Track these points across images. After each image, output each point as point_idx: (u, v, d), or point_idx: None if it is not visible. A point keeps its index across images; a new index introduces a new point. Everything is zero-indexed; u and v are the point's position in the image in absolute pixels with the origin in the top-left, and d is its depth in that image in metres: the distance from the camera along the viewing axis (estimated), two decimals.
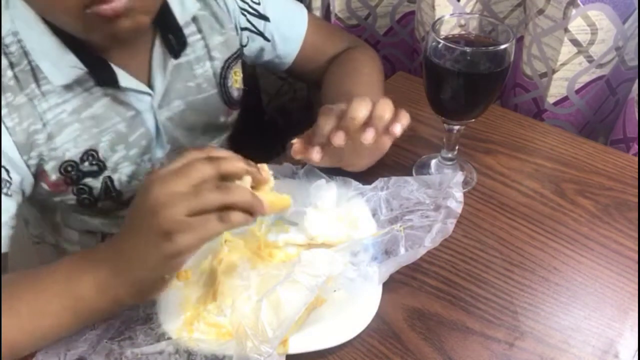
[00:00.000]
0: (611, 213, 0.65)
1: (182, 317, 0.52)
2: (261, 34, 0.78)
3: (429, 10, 0.85)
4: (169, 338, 0.51)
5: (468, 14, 0.83)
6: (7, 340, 0.48)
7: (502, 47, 0.57)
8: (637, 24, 0.75)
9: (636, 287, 0.57)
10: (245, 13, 0.75)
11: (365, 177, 0.66)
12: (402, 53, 1.05)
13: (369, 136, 0.56)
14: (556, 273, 0.59)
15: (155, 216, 0.44)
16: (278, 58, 0.81)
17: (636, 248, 0.61)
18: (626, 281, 0.58)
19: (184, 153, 0.47)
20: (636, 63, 0.80)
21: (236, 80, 0.77)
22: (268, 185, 0.52)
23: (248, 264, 0.56)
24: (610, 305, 0.56)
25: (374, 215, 0.62)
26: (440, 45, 0.58)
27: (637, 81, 0.75)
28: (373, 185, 0.64)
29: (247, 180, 0.49)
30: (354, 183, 0.65)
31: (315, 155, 0.59)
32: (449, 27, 0.62)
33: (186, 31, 0.69)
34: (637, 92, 0.74)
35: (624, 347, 0.53)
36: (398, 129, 0.58)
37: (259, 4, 0.76)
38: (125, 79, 0.63)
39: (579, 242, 0.62)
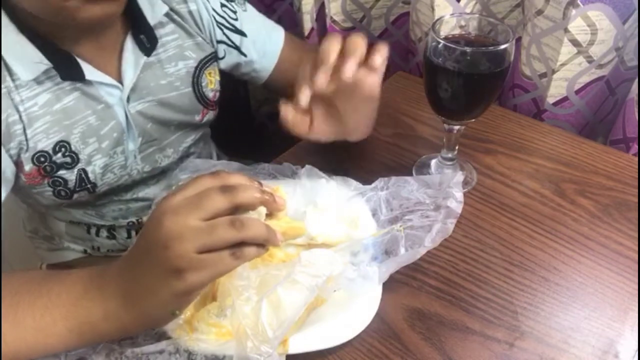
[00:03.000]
0: (611, 213, 0.65)
1: (182, 317, 0.52)
2: (237, 49, 0.79)
3: (428, 10, 0.86)
4: (169, 338, 0.51)
5: (468, 14, 0.83)
6: (10, 350, 0.48)
7: (502, 47, 0.57)
8: (637, 24, 0.75)
9: (636, 287, 0.57)
10: (222, 27, 0.76)
11: (365, 177, 0.66)
12: (397, 54, 1.05)
13: (348, 69, 0.53)
14: (556, 273, 0.59)
15: (166, 251, 0.43)
16: (255, 72, 0.83)
17: (636, 248, 0.61)
18: (626, 281, 0.58)
19: (196, 178, 0.46)
20: (635, 63, 0.80)
21: (211, 81, 0.78)
22: (282, 212, 0.50)
23: (248, 264, 0.56)
24: (610, 305, 0.56)
25: (374, 215, 0.62)
26: (440, 45, 0.58)
27: (636, 81, 0.75)
28: (373, 185, 0.64)
29: (262, 211, 0.48)
30: (354, 183, 0.65)
31: (321, 79, 0.54)
32: (448, 27, 0.62)
33: (160, 31, 0.70)
34: (636, 92, 0.74)
35: (624, 347, 0.53)
36: (378, 60, 0.55)
37: (236, 19, 0.78)
38: (92, 72, 0.64)
39: (579, 242, 0.62)
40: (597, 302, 0.56)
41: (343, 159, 0.76)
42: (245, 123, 1.25)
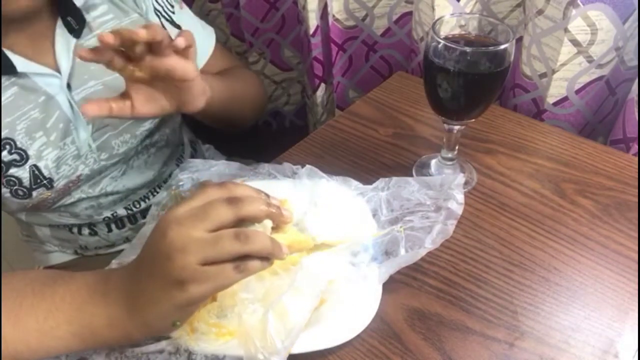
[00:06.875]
0: (611, 213, 0.65)
1: None
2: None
3: (428, 10, 0.85)
4: (169, 338, 0.51)
5: (468, 14, 0.83)
6: (11, 352, 0.48)
7: (502, 47, 0.57)
8: (637, 24, 0.75)
9: (636, 287, 0.57)
10: (160, 15, 0.76)
11: (365, 177, 0.66)
12: (400, 54, 1.05)
13: (180, 42, 0.54)
14: (556, 273, 0.59)
15: (169, 262, 0.43)
16: None
17: (636, 248, 0.61)
18: (626, 281, 0.58)
19: (203, 188, 0.46)
20: (635, 63, 0.80)
21: None
22: (288, 224, 0.50)
23: (253, 276, 0.56)
24: (610, 305, 0.56)
25: (374, 215, 0.62)
26: (440, 45, 0.58)
27: (636, 81, 0.75)
28: (374, 185, 0.64)
29: (268, 224, 0.48)
30: (355, 183, 0.65)
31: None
32: (449, 27, 0.62)
33: (94, 13, 0.69)
34: (636, 92, 0.74)
35: (624, 347, 0.53)
36: (180, 43, 0.55)
37: (173, 13, 0.77)
38: (24, 64, 0.63)
39: (579, 242, 0.62)
40: (597, 302, 0.56)
41: (343, 159, 0.76)
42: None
